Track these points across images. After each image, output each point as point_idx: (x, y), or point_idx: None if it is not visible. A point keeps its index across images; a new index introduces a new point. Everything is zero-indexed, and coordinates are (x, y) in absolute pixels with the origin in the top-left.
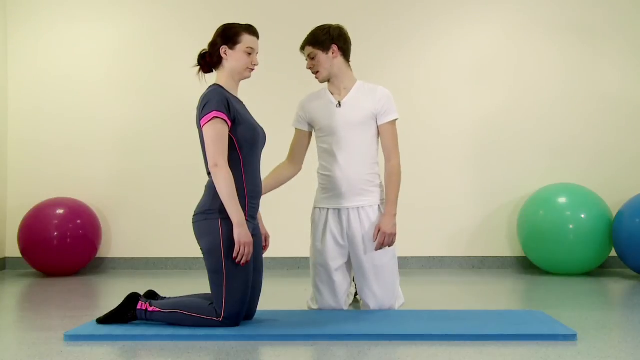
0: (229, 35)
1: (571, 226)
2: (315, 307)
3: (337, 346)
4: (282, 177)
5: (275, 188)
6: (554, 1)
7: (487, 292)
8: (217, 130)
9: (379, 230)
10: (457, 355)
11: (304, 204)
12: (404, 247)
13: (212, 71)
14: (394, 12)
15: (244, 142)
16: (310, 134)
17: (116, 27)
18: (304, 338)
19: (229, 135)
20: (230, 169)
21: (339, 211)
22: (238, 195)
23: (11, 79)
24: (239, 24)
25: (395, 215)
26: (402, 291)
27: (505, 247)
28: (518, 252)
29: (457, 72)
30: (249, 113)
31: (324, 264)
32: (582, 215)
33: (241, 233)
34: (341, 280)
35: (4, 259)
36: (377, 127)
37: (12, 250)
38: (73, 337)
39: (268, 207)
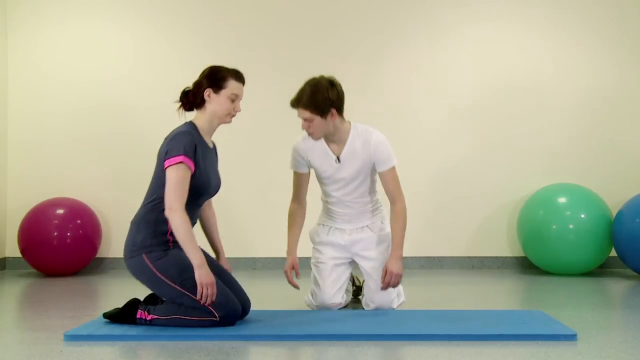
0: (215, 78)
1: (571, 226)
2: (313, 301)
3: (337, 346)
4: (301, 223)
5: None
6: (553, 1)
7: (487, 292)
8: (180, 175)
9: (386, 271)
10: (457, 355)
11: None
12: (404, 247)
13: (192, 110)
14: (393, 12)
15: (191, 191)
16: (309, 173)
17: (117, 28)
18: (304, 338)
19: None
20: (162, 204)
21: (342, 229)
22: (162, 235)
23: (11, 79)
24: (226, 68)
25: (401, 257)
26: (402, 290)
27: (505, 247)
28: (518, 252)
29: (457, 71)
30: (214, 161)
31: (325, 259)
32: (582, 215)
33: (202, 274)
34: (340, 273)
35: (4, 259)
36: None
37: (12, 250)
38: (73, 337)
39: (268, 207)
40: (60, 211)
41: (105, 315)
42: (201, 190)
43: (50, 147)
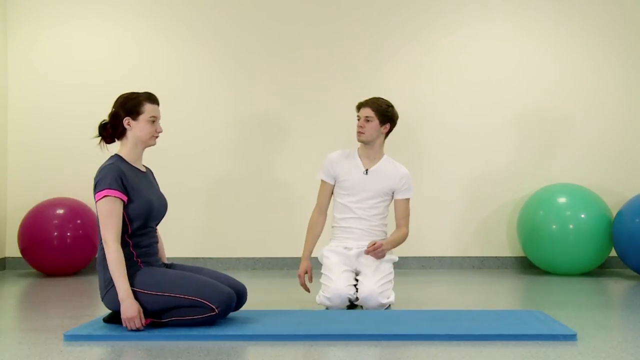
0: (130, 106)
1: (571, 226)
2: (325, 293)
3: (337, 346)
4: (319, 232)
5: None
6: (554, 0)
7: (487, 292)
8: (108, 209)
9: (375, 243)
10: (457, 355)
11: (303, 204)
12: (404, 247)
13: (114, 141)
14: (394, 11)
15: (135, 218)
16: (334, 185)
17: (117, 27)
18: (304, 338)
19: None
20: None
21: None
22: (129, 260)
23: (11, 79)
24: (138, 93)
25: (388, 248)
26: (395, 293)
27: (505, 247)
28: (518, 252)
29: (458, 71)
30: (152, 184)
31: (334, 260)
32: (582, 215)
33: (125, 308)
34: (350, 274)
35: (4, 259)
36: (393, 198)
37: (12, 250)
38: (73, 337)
39: (269, 207)
40: (60, 211)
41: (105, 320)
42: (145, 214)
43: (50, 147)
